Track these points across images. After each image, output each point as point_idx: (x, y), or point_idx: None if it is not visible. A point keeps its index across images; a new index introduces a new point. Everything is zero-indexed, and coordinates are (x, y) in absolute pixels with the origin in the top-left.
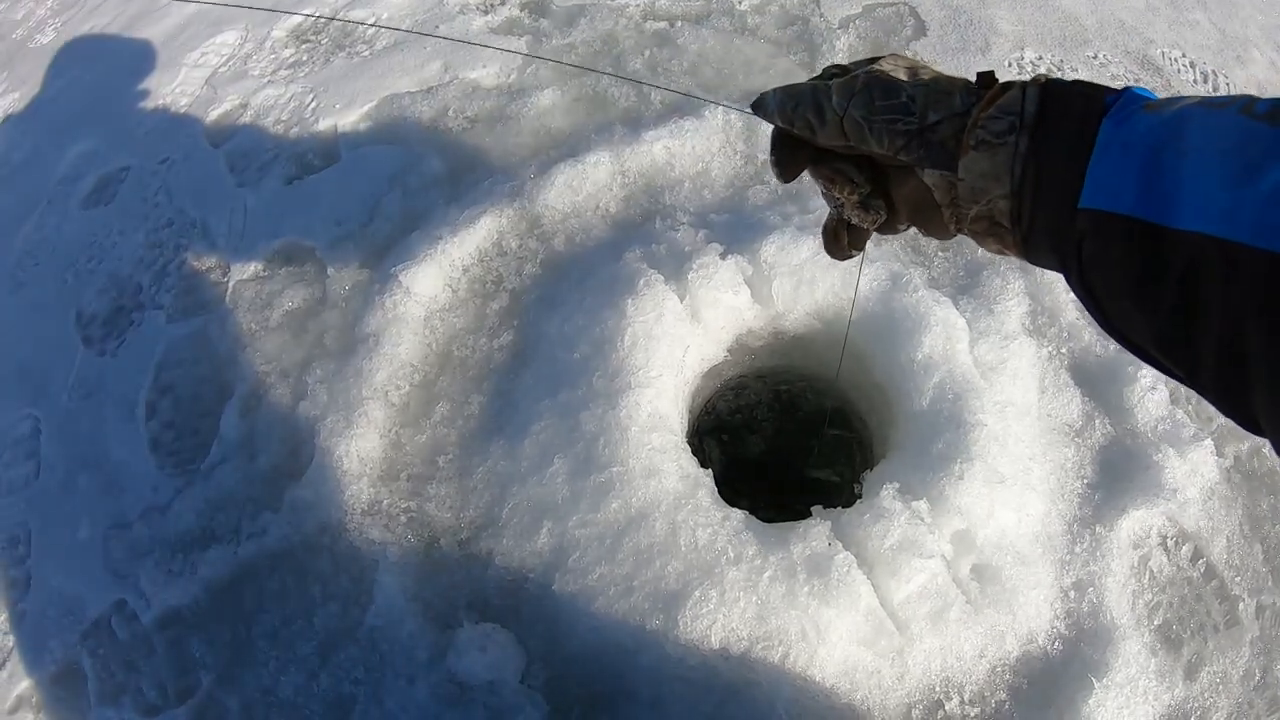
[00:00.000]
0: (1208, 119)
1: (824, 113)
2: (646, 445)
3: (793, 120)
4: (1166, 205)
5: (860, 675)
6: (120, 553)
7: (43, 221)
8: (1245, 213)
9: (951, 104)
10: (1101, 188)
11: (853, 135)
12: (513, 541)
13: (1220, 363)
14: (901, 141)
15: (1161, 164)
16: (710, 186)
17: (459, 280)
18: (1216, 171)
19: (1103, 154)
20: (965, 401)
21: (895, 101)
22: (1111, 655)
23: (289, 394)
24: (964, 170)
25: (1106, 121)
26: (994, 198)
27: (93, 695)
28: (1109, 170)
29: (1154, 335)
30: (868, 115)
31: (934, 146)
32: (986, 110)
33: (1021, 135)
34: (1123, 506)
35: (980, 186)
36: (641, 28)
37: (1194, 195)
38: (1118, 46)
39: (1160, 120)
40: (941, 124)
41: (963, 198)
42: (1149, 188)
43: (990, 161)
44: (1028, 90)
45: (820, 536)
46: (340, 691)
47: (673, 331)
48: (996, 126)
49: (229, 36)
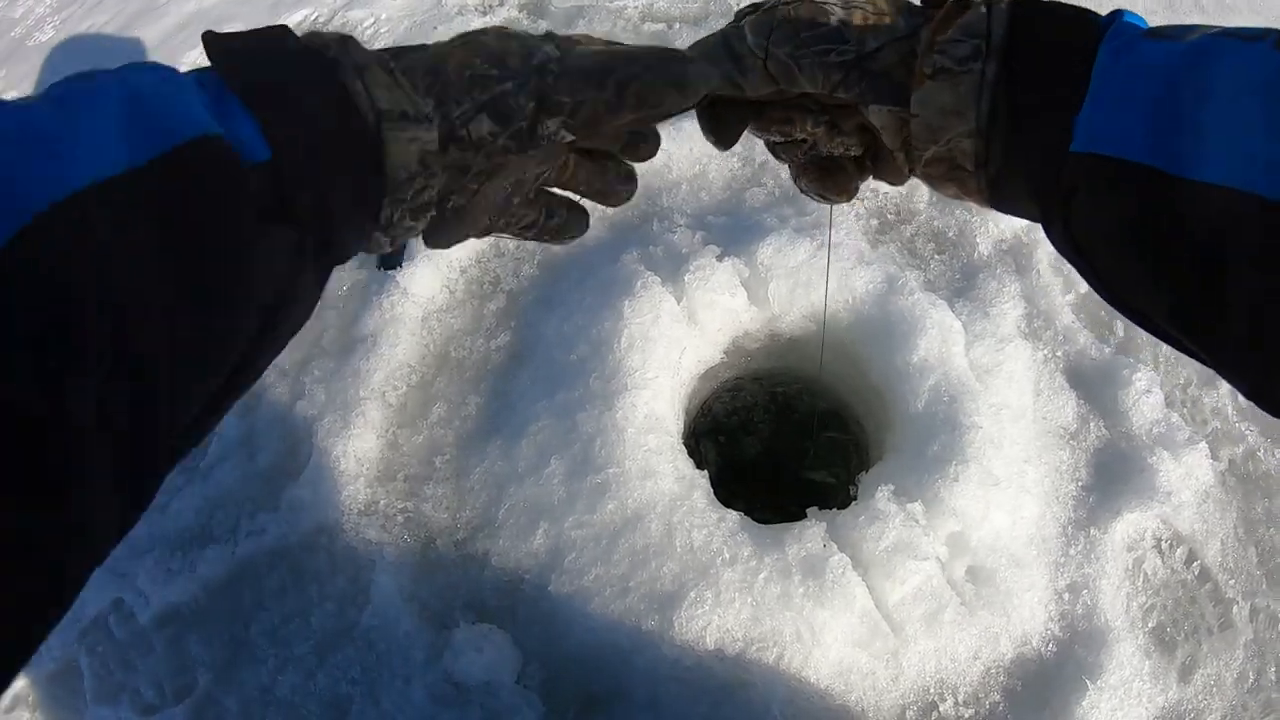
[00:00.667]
0: (1235, 50)
1: (743, 59)
2: (643, 447)
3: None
4: (1189, 154)
5: (855, 676)
6: (118, 551)
7: None
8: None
9: (892, 27)
10: (1104, 128)
11: (781, 77)
12: (509, 542)
13: (1252, 342)
14: (839, 75)
15: (1180, 103)
16: (707, 189)
17: (456, 281)
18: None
19: (1103, 87)
20: (961, 404)
21: (823, 29)
22: (1106, 657)
23: (287, 393)
24: (918, 104)
25: (1103, 47)
26: (955, 136)
27: (90, 694)
28: (1112, 107)
29: (1168, 306)
30: (794, 51)
31: (877, 77)
32: (944, 33)
33: (989, 61)
34: (1117, 509)
35: (939, 124)
36: (639, 29)
37: (1221, 142)
38: None
39: (1177, 49)
40: (883, 50)
41: (917, 137)
42: (1166, 131)
43: (952, 93)
44: (994, 9)
45: (815, 538)
46: (337, 691)
47: (669, 333)
48: (958, 51)
49: None
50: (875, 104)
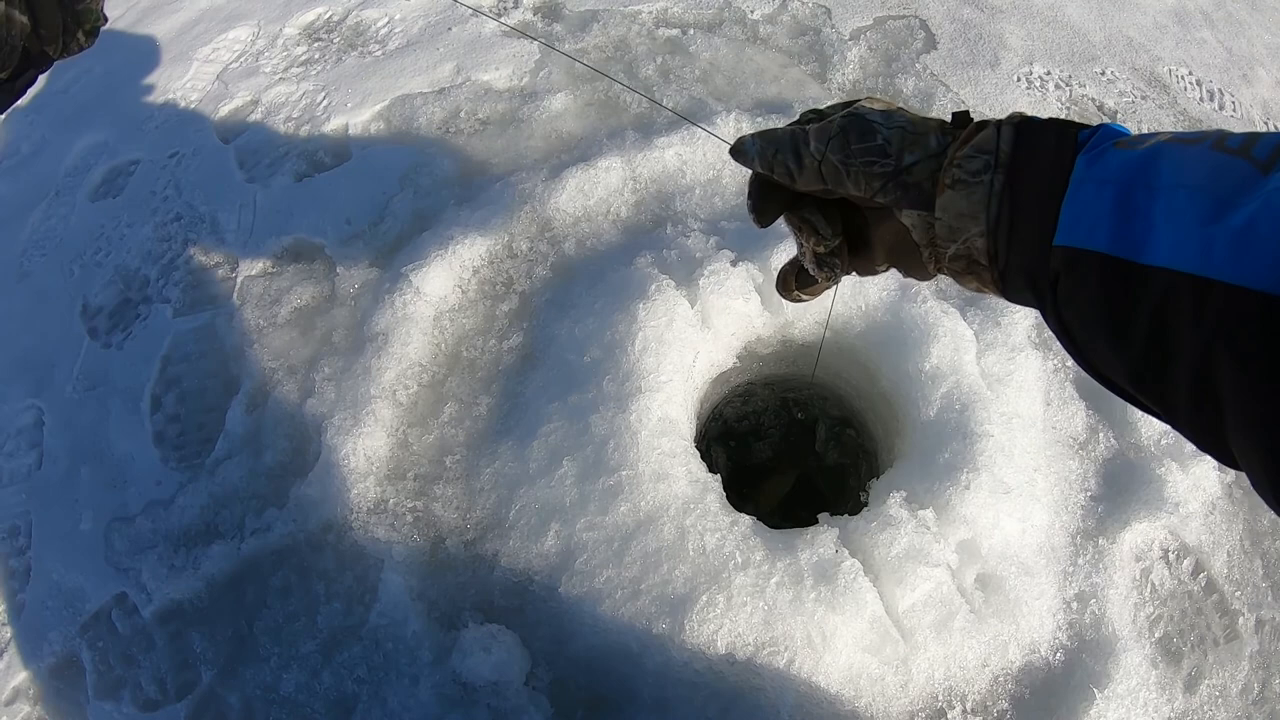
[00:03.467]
0: (1180, 154)
1: (802, 157)
2: (656, 449)
3: (772, 166)
4: (1139, 242)
5: (864, 682)
6: (122, 546)
7: (50, 212)
8: (1217, 248)
9: (927, 144)
10: (1075, 225)
11: (830, 179)
12: (519, 543)
13: (1194, 399)
14: (879, 184)
15: (1134, 201)
16: (721, 194)
17: (469, 281)
18: (1188, 207)
19: (1076, 191)
20: (972, 412)
21: (871, 144)
22: (1113, 666)
23: (296, 391)
24: (941, 209)
25: (1080, 158)
26: (971, 236)
27: (91, 688)
28: (1082, 207)
29: (1128, 371)
30: (845, 158)
31: (910, 187)
32: (962, 149)
33: (996, 173)
34: (1125, 519)
35: (957, 225)
36: (654, 34)
37: (1166, 232)
38: (1125, 63)
39: (1133, 157)
40: (918, 164)
41: (940, 237)
42: (1122, 225)
43: (967, 200)
44: (1002, 128)
45: (827, 543)
46: (343, 690)
47: (683, 337)
48: (972, 165)
49: (241, 33)
50: (908, 208)
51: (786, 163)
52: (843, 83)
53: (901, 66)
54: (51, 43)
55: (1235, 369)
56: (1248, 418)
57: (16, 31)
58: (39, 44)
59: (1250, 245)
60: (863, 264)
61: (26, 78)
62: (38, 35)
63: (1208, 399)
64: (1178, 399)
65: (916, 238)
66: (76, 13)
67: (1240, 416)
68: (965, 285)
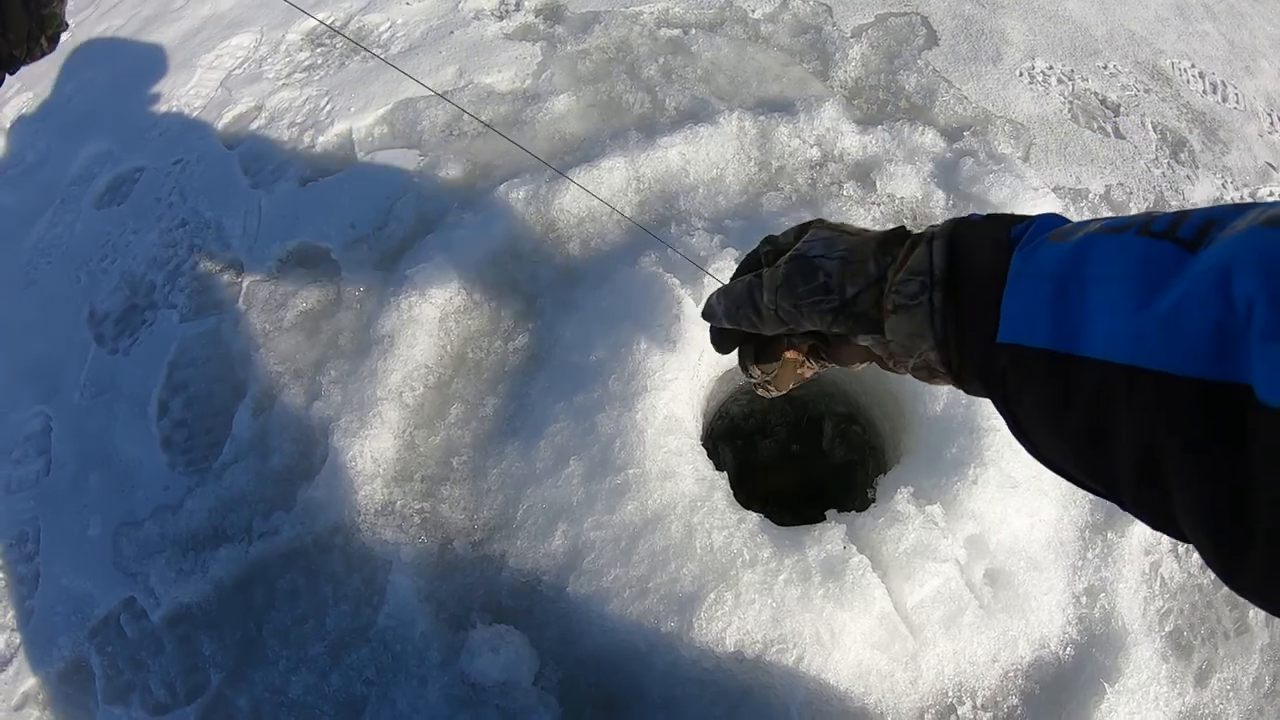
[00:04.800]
0: (1108, 244)
1: (760, 310)
2: (662, 448)
3: (738, 320)
4: (1075, 334)
5: (874, 679)
6: (130, 550)
7: (55, 220)
8: (1147, 337)
9: (867, 272)
10: (1015, 323)
11: (790, 320)
12: (527, 543)
13: (1137, 483)
14: (830, 318)
15: (1069, 293)
16: (725, 192)
17: (474, 283)
18: (1118, 296)
19: (1013, 288)
20: (979, 407)
21: (814, 284)
22: (1123, 661)
23: (303, 394)
24: (890, 332)
25: (1016, 254)
26: (923, 351)
27: (100, 693)
28: (1020, 305)
29: (1074, 460)
30: (794, 303)
31: (859, 317)
32: (898, 274)
33: (935, 292)
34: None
35: (909, 344)
36: (655, 35)
37: (1098, 322)
38: (1127, 57)
39: (1065, 250)
40: (861, 295)
41: (895, 354)
42: (1059, 318)
43: (910, 321)
44: (935, 244)
45: (835, 540)
46: (351, 692)
47: (688, 335)
48: (909, 289)
49: (244, 39)
50: (861, 334)
51: (749, 316)
52: (845, 80)
53: (903, 63)
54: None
55: (1174, 453)
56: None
57: None
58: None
59: (1178, 331)
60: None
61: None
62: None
63: (1151, 484)
64: (1122, 484)
65: (878, 353)
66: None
67: (1183, 498)
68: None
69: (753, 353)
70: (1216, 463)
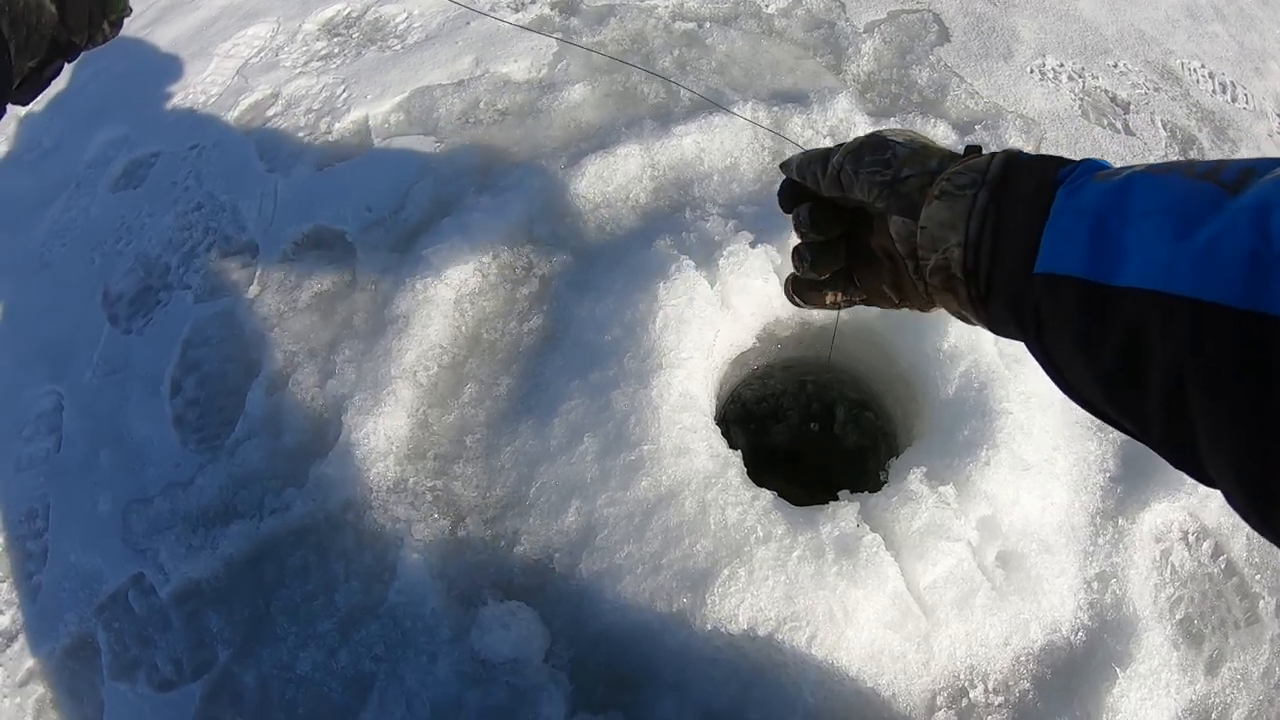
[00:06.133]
0: (1151, 183)
1: (826, 167)
2: (677, 424)
3: (804, 174)
4: (1112, 266)
5: (886, 659)
6: (140, 527)
7: (70, 203)
8: (1182, 266)
9: (927, 164)
10: (1054, 253)
11: (845, 184)
12: (539, 520)
13: (1166, 415)
14: (877, 190)
15: (1108, 227)
16: (739, 180)
17: (489, 265)
18: (1157, 229)
19: (1055, 220)
20: (991, 390)
21: (879, 158)
22: (1135, 647)
23: (316, 373)
24: (925, 218)
25: (1060, 191)
26: (950, 247)
27: (106, 669)
28: (1061, 236)
29: (1105, 392)
30: (855, 169)
31: (902, 196)
32: (955, 168)
33: (981, 190)
34: (1145, 500)
35: (938, 235)
36: (670, 28)
37: (1136, 253)
38: (1138, 56)
39: (1108, 187)
40: (912, 178)
41: (922, 245)
42: (1097, 251)
43: (949, 211)
44: (995, 156)
45: (848, 518)
46: (360, 668)
47: (703, 315)
48: (959, 180)
49: (260, 29)
50: (896, 215)
51: (815, 171)
52: (858, 74)
53: (916, 59)
54: (78, 32)
55: (1204, 383)
56: (1218, 430)
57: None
58: (66, 33)
59: (1214, 259)
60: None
61: (54, 67)
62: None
63: (1180, 415)
64: (1151, 416)
65: (902, 248)
66: (103, 2)
67: (1211, 431)
68: (948, 307)
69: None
70: (1245, 393)
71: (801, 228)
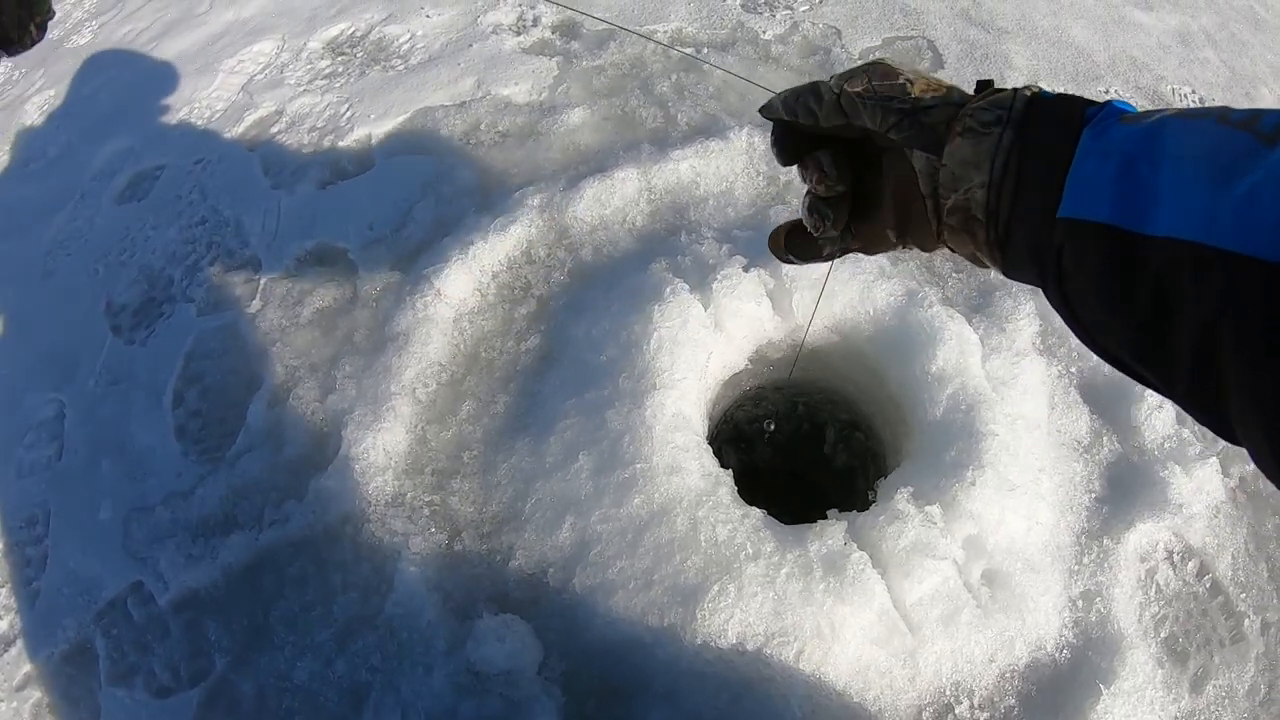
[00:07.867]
0: (1184, 127)
1: (822, 95)
2: (670, 444)
3: (795, 110)
4: (1142, 212)
5: (873, 674)
6: (140, 535)
7: (75, 214)
8: (1221, 216)
9: (949, 95)
10: (1079, 197)
11: (849, 109)
12: (534, 535)
13: (1194, 369)
14: (894, 119)
15: (1137, 172)
16: (734, 205)
17: (488, 285)
18: (1191, 177)
19: (1081, 163)
20: (978, 412)
21: (893, 83)
22: (1119, 664)
23: (317, 388)
24: (948, 156)
25: (1086, 132)
26: (972, 186)
27: (103, 675)
28: (1086, 179)
29: (1130, 344)
30: (865, 91)
31: (925, 128)
32: (979, 103)
33: (1007, 129)
34: (1130, 520)
35: (961, 174)
36: (668, 53)
37: (1169, 202)
38: (1129, 82)
39: (1137, 130)
40: (934, 109)
41: (943, 184)
42: (1125, 196)
43: (974, 149)
44: (1018, 94)
45: (836, 536)
46: (356, 678)
47: (696, 338)
48: (985, 116)
49: (265, 46)
50: (919, 149)
51: (808, 103)
52: None
53: None
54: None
55: (1236, 338)
56: (1248, 387)
57: None
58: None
59: (1253, 213)
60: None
61: None
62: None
63: (1208, 370)
64: (1178, 370)
65: (921, 185)
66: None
67: (1241, 387)
68: (962, 250)
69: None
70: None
71: (825, 179)
